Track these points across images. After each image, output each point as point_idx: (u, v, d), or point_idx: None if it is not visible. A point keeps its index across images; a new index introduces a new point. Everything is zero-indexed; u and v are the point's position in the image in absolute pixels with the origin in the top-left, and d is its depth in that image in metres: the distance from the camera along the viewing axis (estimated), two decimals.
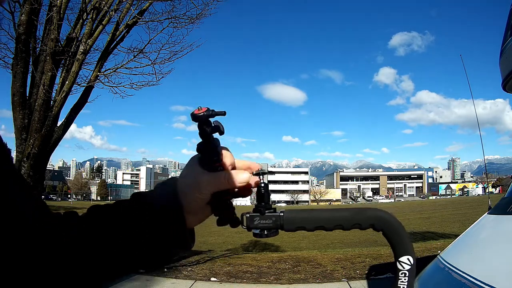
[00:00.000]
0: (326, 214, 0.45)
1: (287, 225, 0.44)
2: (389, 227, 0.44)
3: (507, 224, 1.62)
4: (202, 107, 0.42)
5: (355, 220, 0.44)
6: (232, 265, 5.58)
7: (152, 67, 4.95)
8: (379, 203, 68.74)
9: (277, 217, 0.44)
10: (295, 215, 0.45)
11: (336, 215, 0.45)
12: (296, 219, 0.45)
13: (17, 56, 3.84)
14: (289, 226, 0.44)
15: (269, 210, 0.45)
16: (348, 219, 0.44)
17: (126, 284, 4.52)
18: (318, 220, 0.44)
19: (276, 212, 0.45)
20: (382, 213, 0.44)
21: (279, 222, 0.44)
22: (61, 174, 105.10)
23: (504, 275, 1.18)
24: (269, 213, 0.45)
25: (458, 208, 26.31)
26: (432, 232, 12.56)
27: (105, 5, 4.22)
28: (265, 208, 0.45)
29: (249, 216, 0.45)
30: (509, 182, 2.68)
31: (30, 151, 3.89)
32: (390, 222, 0.44)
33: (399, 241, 0.44)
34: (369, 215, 0.44)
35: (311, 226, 0.44)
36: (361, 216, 0.44)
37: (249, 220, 0.45)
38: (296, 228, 0.45)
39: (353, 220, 0.44)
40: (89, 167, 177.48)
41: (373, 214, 0.44)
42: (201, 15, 4.91)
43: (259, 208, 0.45)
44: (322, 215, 0.45)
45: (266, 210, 0.45)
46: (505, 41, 2.18)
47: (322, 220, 0.44)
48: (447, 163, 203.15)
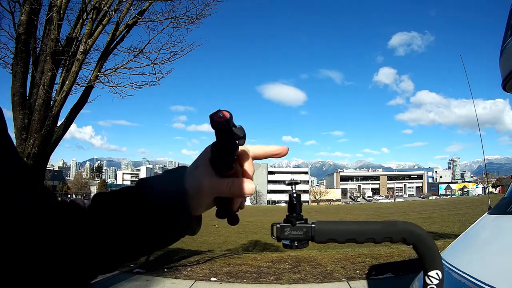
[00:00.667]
0: (358, 227, 0.44)
1: (318, 236, 0.43)
2: (420, 241, 0.43)
3: (507, 224, 1.62)
4: (223, 111, 0.37)
5: (386, 233, 0.43)
6: (232, 265, 5.58)
7: (152, 67, 4.96)
8: (379, 203, 68.71)
9: (308, 229, 0.43)
10: (327, 227, 0.44)
11: (367, 228, 0.44)
12: (328, 231, 0.44)
13: (17, 56, 3.84)
14: (320, 238, 0.44)
15: (300, 221, 0.44)
16: (379, 232, 0.44)
17: (126, 284, 4.52)
18: (349, 233, 0.44)
19: (308, 223, 0.44)
20: (413, 226, 0.44)
21: (310, 233, 0.43)
22: (61, 174, 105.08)
23: (504, 275, 1.18)
24: (300, 224, 0.43)
25: (458, 208, 26.31)
26: (432, 232, 12.55)
27: (105, 5, 4.22)
28: (296, 219, 0.44)
29: (279, 227, 0.44)
30: (509, 182, 2.68)
31: (30, 151, 3.89)
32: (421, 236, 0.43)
33: (429, 256, 0.44)
34: (401, 229, 0.43)
35: (343, 239, 0.44)
36: (393, 229, 0.44)
37: (280, 231, 0.44)
38: (327, 240, 0.44)
39: (384, 233, 0.43)
40: (89, 167, 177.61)
41: (404, 228, 0.44)
42: (201, 15, 4.91)
43: (290, 218, 0.44)
44: (354, 227, 0.44)
45: (297, 221, 0.43)
46: (505, 41, 2.18)
47: (353, 232, 0.44)
48: (447, 163, 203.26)
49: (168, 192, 0.41)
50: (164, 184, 0.42)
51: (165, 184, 0.42)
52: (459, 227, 12.53)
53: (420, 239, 0.43)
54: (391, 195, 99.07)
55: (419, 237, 0.43)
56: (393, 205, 49.35)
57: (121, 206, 0.42)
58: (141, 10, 4.58)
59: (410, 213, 27.48)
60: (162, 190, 0.41)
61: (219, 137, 0.37)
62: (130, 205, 0.41)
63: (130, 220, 0.41)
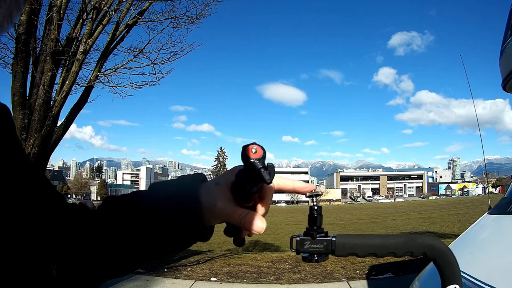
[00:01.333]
0: (379, 241, 0.44)
1: (339, 250, 0.43)
2: (441, 256, 0.43)
3: (507, 224, 1.63)
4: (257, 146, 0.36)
5: (407, 247, 0.43)
6: (232, 265, 5.59)
7: (152, 67, 4.96)
8: (379, 203, 68.74)
9: (328, 242, 0.43)
10: (348, 241, 0.43)
11: (389, 242, 0.44)
12: (349, 245, 0.43)
13: (17, 56, 3.84)
14: (340, 252, 0.43)
15: (321, 234, 0.43)
16: (400, 247, 0.43)
17: (126, 284, 4.52)
18: (370, 247, 0.43)
19: (328, 236, 0.43)
20: (434, 241, 0.44)
21: (330, 247, 0.43)
22: (61, 174, 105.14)
23: (504, 275, 1.18)
24: (321, 237, 0.43)
25: (458, 208, 26.32)
26: (432, 232, 12.57)
27: (105, 5, 4.22)
28: (317, 232, 0.43)
29: (299, 240, 0.43)
30: (509, 182, 2.68)
31: (30, 151, 3.89)
32: (442, 251, 0.43)
33: (449, 271, 0.44)
34: (422, 243, 0.43)
35: (364, 253, 0.43)
36: (414, 243, 0.43)
37: (299, 244, 0.43)
38: (348, 254, 0.44)
39: (405, 247, 0.43)
40: (89, 167, 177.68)
41: (426, 242, 0.43)
42: (201, 15, 4.91)
43: (310, 232, 0.43)
44: (375, 242, 0.44)
45: (317, 234, 0.43)
46: (505, 41, 2.18)
47: (374, 247, 0.43)
48: (447, 163, 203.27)
49: (178, 200, 0.40)
50: (176, 191, 0.42)
51: (177, 190, 0.42)
52: (459, 227, 12.54)
53: (441, 253, 0.43)
54: (391, 195, 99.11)
55: (440, 252, 0.43)
56: (393, 205, 49.37)
57: (128, 211, 0.41)
58: (141, 10, 4.58)
59: (410, 213, 27.49)
60: (172, 196, 0.41)
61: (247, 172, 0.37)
62: (137, 210, 0.41)
63: (137, 224, 0.40)
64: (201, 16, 4.92)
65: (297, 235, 0.43)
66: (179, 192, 0.41)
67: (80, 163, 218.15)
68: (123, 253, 0.41)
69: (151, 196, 0.42)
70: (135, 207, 0.41)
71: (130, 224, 0.40)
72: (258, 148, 0.36)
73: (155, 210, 0.40)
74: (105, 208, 0.43)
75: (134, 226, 0.40)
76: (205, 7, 4.89)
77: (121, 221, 0.41)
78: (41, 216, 0.37)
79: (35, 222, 0.36)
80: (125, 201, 0.42)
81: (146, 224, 0.40)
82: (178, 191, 0.41)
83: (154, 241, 0.41)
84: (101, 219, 0.42)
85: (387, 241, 0.43)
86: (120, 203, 0.42)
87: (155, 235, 0.40)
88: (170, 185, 0.43)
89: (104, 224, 0.41)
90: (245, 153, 0.36)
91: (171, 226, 0.40)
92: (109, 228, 0.41)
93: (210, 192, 0.40)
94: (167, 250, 0.42)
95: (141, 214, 0.40)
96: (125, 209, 0.41)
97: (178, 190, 0.41)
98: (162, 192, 0.42)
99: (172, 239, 0.41)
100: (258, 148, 0.36)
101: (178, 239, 0.41)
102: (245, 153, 0.36)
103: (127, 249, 0.41)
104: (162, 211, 0.40)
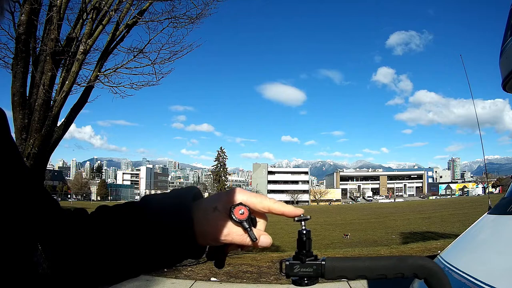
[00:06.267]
0: (369, 264, 0.44)
1: (328, 274, 0.43)
2: (432, 275, 0.44)
3: (507, 224, 1.63)
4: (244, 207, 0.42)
5: (397, 269, 0.43)
6: (232, 265, 5.59)
7: (152, 67, 4.96)
8: (379, 203, 68.74)
9: (318, 266, 0.43)
10: (337, 264, 0.44)
11: (378, 264, 0.44)
12: (338, 268, 0.43)
13: (17, 56, 3.84)
14: (330, 275, 0.43)
15: (310, 258, 0.44)
16: (391, 268, 0.44)
17: (126, 284, 4.52)
18: (360, 270, 0.44)
19: (318, 260, 0.43)
20: (425, 261, 0.44)
21: (320, 270, 0.43)
22: (61, 174, 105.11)
23: (504, 275, 1.18)
24: (310, 261, 0.43)
25: (458, 208, 26.34)
26: (432, 232, 12.58)
27: (105, 5, 4.22)
28: (306, 256, 0.43)
29: (288, 264, 0.43)
30: (509, 182, 2.68)
31: (30, 151, 3.89)
32: (432, 271, 0.44)
33: None
34: (412, 264, 0.43)
35: (353, 276, 0.44)
36: (404, 265, 0.44)
37: (289, 268, 0.43)
38: (337, 277, 0.44)
39: (396, 269, 0.43)
40: (89, 167, 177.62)
41: (416, 263, 0.43)
42: (201, 15, 4.92)
43: (299, 256, 0.44)
44: (365, 264, 0.44)
45: (307, 258, 0.43)
46: (505, 41, 2.18)
47: (364, 269, 0.44)
48: (447, 163, 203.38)
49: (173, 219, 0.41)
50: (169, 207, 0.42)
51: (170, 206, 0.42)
52: (459, 227, 12.54)
53: (432, 273, 0.44)
54: (391, 195, 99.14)
55: (431, 272, 0.44)
56: (393, 205, 49.38)
57: (119, 222, 0.41)
58: (141, 10, 4.58)
59: (410, 213, 27.50)
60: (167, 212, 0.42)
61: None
62: (127, 223, 0.41)
63: (127, 236, 0.41)
64: (201, 16, 4.93)
65: (287, 259, 0.44)
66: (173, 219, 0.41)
67: (80, 163, 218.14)
68: (115, 259, 0.41)
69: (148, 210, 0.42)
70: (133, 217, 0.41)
71: (124, 232, 0.40)
72: (245, 209, 0.42)
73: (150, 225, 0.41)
74: (97, 216, 0.43)
75: (128, 234, 0.40)
76: (205, 7, 4.89)
77: (115, 227, 0.41)
78: (35, 217, 0.37)
79: (28, 222, 0.36)
80: (120, 210, 0.43)
81: (139, 235, 0.40)
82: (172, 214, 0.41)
83: (144, 253, 0.41)
84: (94, 223, 0.41)
85: (377, 263, 0.44)
86: (115, 211, 0.43)
87: (147, 247, 0.40)
88: (164, 204, 0.43)
89: (97, 227, 0.41)
90: (233, 214, 0.41)
91: (165, 247, 0.41)
92: (102, 233, 0.40)
93: (209, 218, 0.42)
94: (157, 263, 0.42)
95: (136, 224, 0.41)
96: (122, 217, 0.42)
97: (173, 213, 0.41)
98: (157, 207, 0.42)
99: (164, 255, 0.42)
100: (245, 210, 0.42)
101: (170, 256, 0.42)
102: (233, 213, 0.41)
103: (118, 255, 0.40)
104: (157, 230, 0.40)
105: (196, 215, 0.41)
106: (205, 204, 0.43)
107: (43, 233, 0.38)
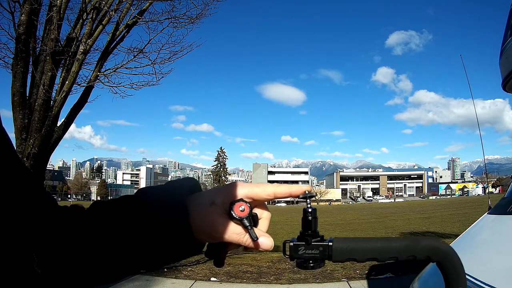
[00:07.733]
0: (380, 245, 0.41)
1: (336, 256, 0.40)
2: (446, 258, 0.41)
3: (507, 224, 1.63)
4: (244, 204, 0.39)
5: (410, 251, 0.41)
6: (232, 265, 5.59)
7: (152, 67, 4.96)
8: (379, 203, 68.72)
9: (325, 247, 0.40)
10: (346, 245, 0.40)
11: (390, 245, 0.41)
12: (347, 250, 0.40)
13: (17, 56, 3.84)
14: (338, 257, 0.40)
15: (316, 238, 0.40)
16: (402, 250, 0.41)
17: (126, 284, 4.52)
18: (370, 252, 0.41)
19: (324, 241, 0.40)
20: (438, 243, 0.42)
21: (326, 252, 0.40)
22: (61, 174, 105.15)
23: (504, 275, 1.18)
24: (316, 242, 0.40)
25: (458, 208, 26.32)
26: (432, 232, 12.57)
27: (105, 5, 4.22)
28: (312, 237, 0.40)
29: (293, 245, 0.40)
30: (509, 182, 2.68)
31: (30, 151, 3.89)
32: (447, 253, 0.41)
33: (454, 274, 0.42)
34: (425, 246, 0.41)
35: (363, 258, 0.41)
36: (417, 247, 0.41)
37: (293, 250, 0.40)
38: (346, 259, 0.41)
39: (408, 251, 0.41)
40: (89, 167, 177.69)
41: (429, 245, 0.41)
42: (201, 15, 4.92)
43: (305, 236, 0.40)
44: (375, 245, 0.41)
45: (312, 239, 0.40)
46: (505, 41, 2.18)
47: (374, 251, 0.41)
48: (447, 163, 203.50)
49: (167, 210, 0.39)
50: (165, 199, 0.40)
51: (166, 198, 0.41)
52: (459, 227, 12.53)
53: (446, 256, 0.41)
54: (391, 195, 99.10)
55: (445, 254, 0.41)
56: (393, 205, 49.37)
57: (113, 217, 0.40)
58: (141, 10, 4.58)
59: (410, 213, 27.48)
60: (161, 203, 0.40)
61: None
62: (122, 217, 0.40)
63: (120, 233, 0.39)
64: (201, 16, 4.93)
65: (291, 240, 0.41)
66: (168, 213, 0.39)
67: (80, 163, 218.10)
68: (109, 257, 0.40)
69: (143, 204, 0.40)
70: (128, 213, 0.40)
71: (117, 229, 0.39)
72: (246, 206, 0.39)
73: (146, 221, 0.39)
74: (92, 212, 0.42)
75: (122, 232, 0.39)
76: (205, 7, 4.90)
77: (108, 223, 0.40)
78: (30, 217, 0.37)
79: (22, 223, 0.36)
80: (114, 205, 0.41)
81: (133, 232, 0.39)
82: (167, 209, 0.40)
83: (138, 250, 0.39)
84: (88, 223, 0.41)
85: (388, 244, 0.41)
86: (110, 206, 0.42)
87: (141, 244, 0.39)
88: (159, 198, 0.41)
89: (91, 227, 0.40)
90: (233, 211, 0.38)
91: (159, 243, 0.39)
92: (96, 230, 0.40)
93: (205, 213, 0.39)
94: (152, 260, 0.41)
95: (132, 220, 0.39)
96: (116, 212, 0.40)
97: (168, 207, 0.40)
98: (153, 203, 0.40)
99: (158, 252, 0.40)
100: (245, 207, 0.39)
101: (165, 252, 0.40)
102: (233, 210, 0.38)
103: (112, 252, 0.40)
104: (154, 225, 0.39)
105: (191, 209, 0.39)
106: (202, 198, 0.41)
107: (38, 234, 0.37)
